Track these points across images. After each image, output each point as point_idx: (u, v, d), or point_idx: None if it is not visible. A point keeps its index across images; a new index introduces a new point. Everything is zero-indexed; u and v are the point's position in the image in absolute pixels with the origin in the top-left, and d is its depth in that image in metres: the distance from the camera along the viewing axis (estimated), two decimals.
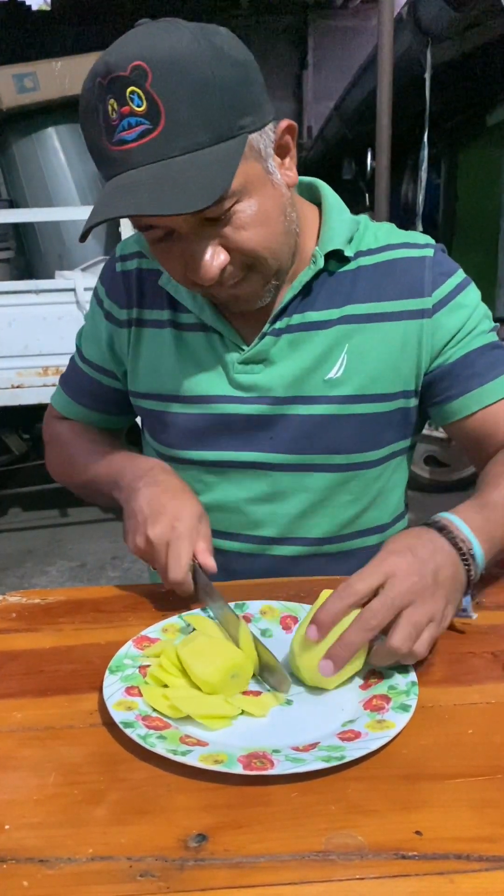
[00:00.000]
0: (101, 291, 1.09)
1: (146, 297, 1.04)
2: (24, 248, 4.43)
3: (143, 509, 0.89)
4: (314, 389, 0.98)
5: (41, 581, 3.44)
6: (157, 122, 0.76)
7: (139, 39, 0.77)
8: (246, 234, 0.84)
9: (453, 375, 0.99)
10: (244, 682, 0.73)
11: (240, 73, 0.80)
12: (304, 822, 0.56)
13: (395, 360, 0.98)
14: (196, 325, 1.01)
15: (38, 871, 0.53)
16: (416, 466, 4.20)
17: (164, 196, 0.76)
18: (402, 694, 0.69)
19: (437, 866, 0.52)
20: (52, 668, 0.79)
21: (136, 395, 1.08)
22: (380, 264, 0.98)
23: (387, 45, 3.53)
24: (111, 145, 0.78)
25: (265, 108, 0.84)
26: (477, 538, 0.80)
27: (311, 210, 1.01)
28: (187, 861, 0.53)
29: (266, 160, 0.85)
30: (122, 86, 0.76)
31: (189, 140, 0.77)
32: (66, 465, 1.16)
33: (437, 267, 0.99)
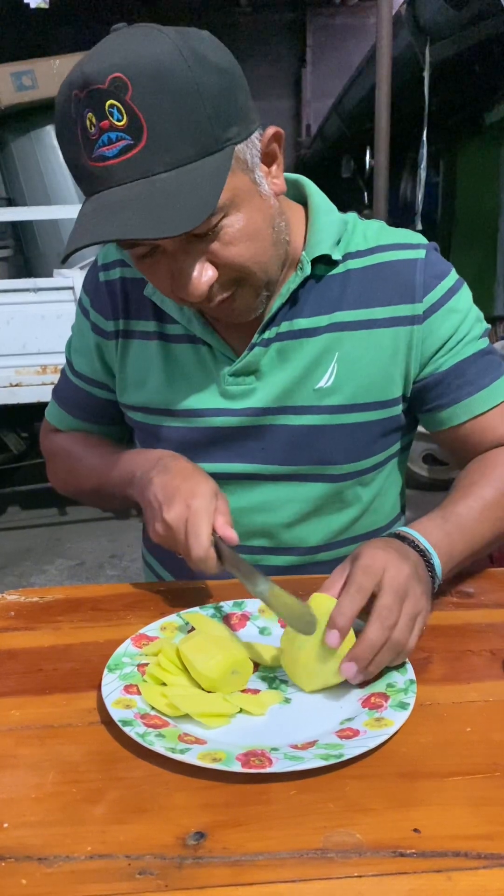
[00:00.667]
0: (86, 302, 1.06)
1: (131, 308, 1.02)
2: (23, 246, 4.43)
3: (158, 496, 0.87)
4: (304, 399, 0.96)
5: (40, 579, 3.44)
6: (139, 137, 0.72)
7: (117, 49, 0.73)
8: (234, 249, 0.82)
9: (444, 384, 0.97)
10: (244, 679, 0.73)
11: (224, 80, 0.76)
12: (303, 820, 0.56)
13: (386, 367, 0.96)
14: (184, 337, 0.98)
15: (37, 869, 0.53)
16: (415, 465, 4.20)
17: (150, 217, 0.73)
18: (400, 692, 0.70)
19: (436, 864, 0.52)
20: (51, 667, 0.79)
21: (126, 407, 1.06)
22: (370, 268, 0.96)
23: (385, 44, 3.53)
24: (91, 161, 0.75)
25: (251, 115, 0.81)
26: (435, 551, 0.82)
27: (297, 211, 0.97)
28: (186, 859, 0.53)
29: (253, 171, 0.82)
30: (101, 99, 0.72)
31: (173, 155, 0.74)
32: (71, 475, 1.13)
33: (430, 269, 0.96)
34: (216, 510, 0.85)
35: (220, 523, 0.84)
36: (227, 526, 0.84)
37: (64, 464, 1.15)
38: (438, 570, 0.82)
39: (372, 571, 0.73)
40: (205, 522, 0.82)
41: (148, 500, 0.89)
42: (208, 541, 0.82)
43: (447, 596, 0.91)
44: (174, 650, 0.75)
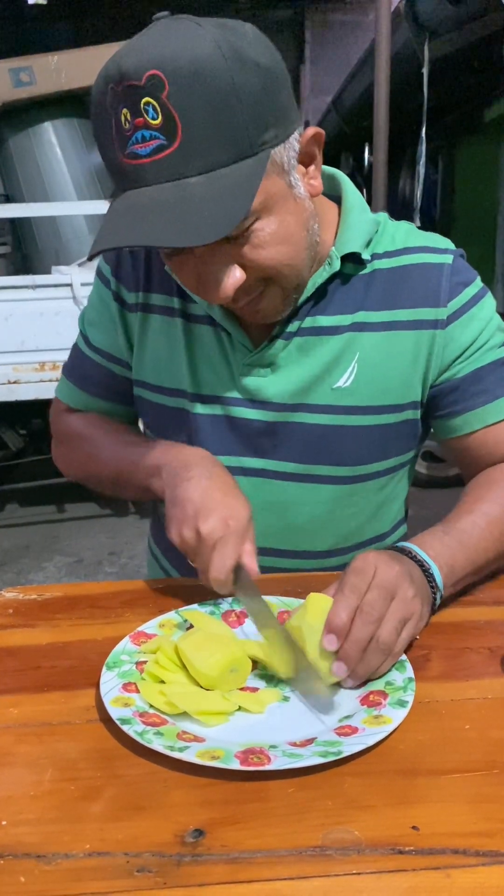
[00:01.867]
0: (107, 271, 1.01)
1: (153, 281, 0.98)
2: (21, 243, 4.42)
3: (195, 501, 0.83)
4: (321, 398, 0.95)
5: (38, 577, 3.44)
6: (174, 137, 0.71)
7: (156, 44, 0.71)
8: (265, 252, 0.80)
9: (460, 391, 0.96)
10: (243, 677, 0.73)
11: (265, 80, 0.73)
12: (301, 818, 0.56)
13: (406, 370, 0.95)
14: (205, 318, 0.96)
15: (36, 866, 0.53)
16: None
17: (178, 225, 0.71)
18: (399, 690, 0.70)
19: (434, 861, 0.52)
20: (49, 664, 0.79)
21: (139, 383, 1.03)
22: (396, 269, 0.94)
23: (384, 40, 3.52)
24: (124, 157, 0.73)
25: (291, 115, 0.78)
26: (435, 563, 0.81)
27: (331, 207, 0.95)
28: (184, 857, 0.53)
29: (289, 174, 0.80)
30: (137, 96, 0.70)
31: (206, 160, 0.72)
32: (86, 460, 1.08)
33: (456, 276, 0.95)
34: (247, 536, 0.83)
35: (248, 550, 0.82)
36: (253, 556, 0.82)
37: (78, 448, 1.10)
38: (439, 581, 0.81)
39: (363, 572, 0.73)
40: (236, 546, 0.80)
41: (180, 500, 0.85)
42: (232, 565, 0.80)
43: None
44: (173, 648, 0.75)
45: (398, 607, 0.72)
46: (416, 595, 0.75)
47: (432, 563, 0.81)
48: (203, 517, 0.81)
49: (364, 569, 0.73)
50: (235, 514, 0.82)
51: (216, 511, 0.82)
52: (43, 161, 4.13)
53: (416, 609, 0.75)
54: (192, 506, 0.83)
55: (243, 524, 0.82)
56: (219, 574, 0.79)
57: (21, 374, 3.45)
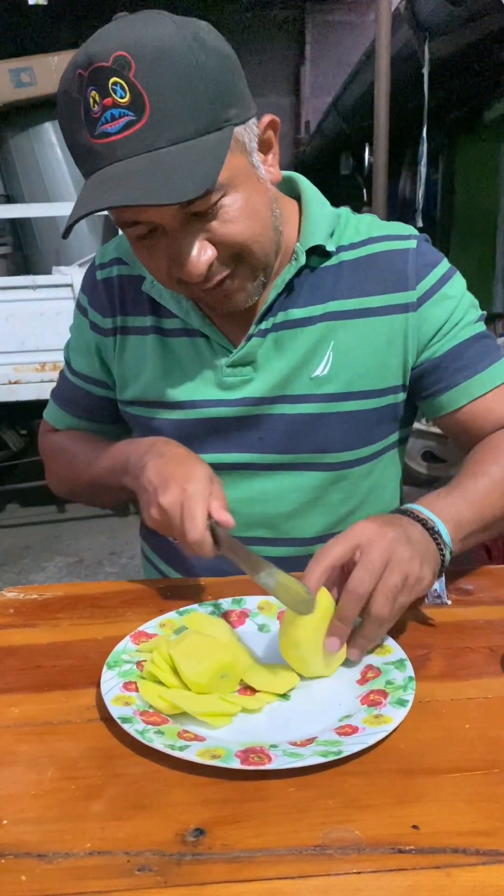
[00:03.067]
0: (84, 300, 1.07)
1: (128, 305, 1.03)
2: (21, 243, 4.42)
3: (153, 480, 0.87)
4: (300, 388, 0.97)
5: (39, 577, 3.44)
6: (142, 113, 0.74)
7: (121, 30, 0.75)
8: (234, 227, 0.83)
9: (441, 369, 0.98)
10: (234, 681, 0.72)
11: (224, 64, 0.78)
12: (302, 817, 0.56)
13: (381, 355, 0.97)
14: (181, 331, 0.99)
15: (37, 865, 0.53)
16: (413, 462, 4.20)
17: (151, 187, 0.74)
18: (399, 689, 0.70)
19: (434, 860, 0.52)
20: (50, 664, 0.79)
21: (123, 402, 1.07)
22: (362, 258, 0.97)
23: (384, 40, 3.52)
24: (93, 138, 0.76)
25: (248, 102, 0.83)
26: (439, 518, 0.81)
27: (291, 204, 0.99)
28: (185, 856, 0.53)
29: (251, 154, 0.84)
30: (105, 77, 0.73)
31: (175, 131, 0.75)
32: (68, 471, 1.13)
33: (421, 258, 0.97)
34: (212, 494, 0.84)
35: (216, 507, 0.83)
36: (223, 510, 0.84)
37: (60, 461, 1.15)
38: (445, 536, 0.81)
39: (346, 539, 0.74)
40: (200, 505, 0.82)
41: (142, 486, 0.89)
42: (204, 524, 0.82)
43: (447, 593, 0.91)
44: (167, 651, 0.75)
45: (392, 574, 0.72)
46: (415, 557, 0.74)
47: (437, 518, 0.81)
48: (161, 491, 0.85)
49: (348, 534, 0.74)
50: (191, 478, 0.85)
51: (171, 481, 0.85)
52: (43, 161, 4.14)
53: (415, 572, 0.74)
54: (151, 486, 0.87)
55: (201, 484, 0.84)
56: (193, 535, 0.81)
57: (22, 374, 3.46)
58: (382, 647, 0.77)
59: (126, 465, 0.96)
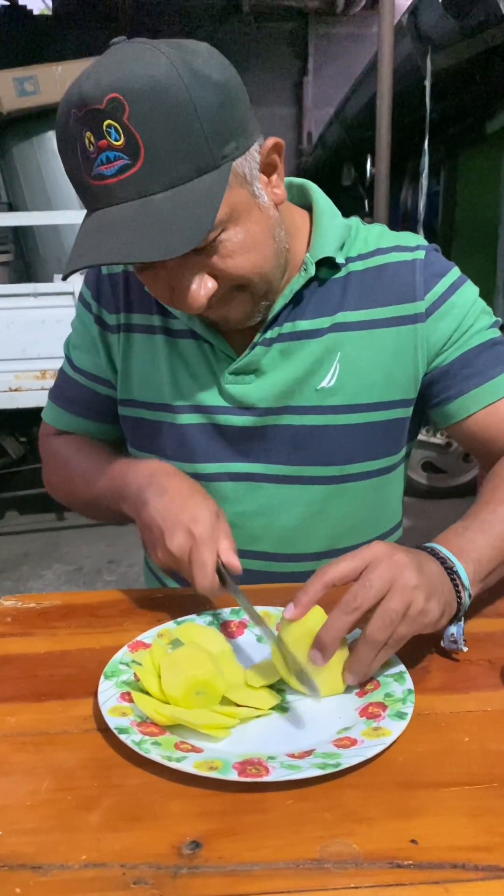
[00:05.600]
0: (88, 295, 1.05)
1: (133, 301, 1.01)
2: (23, 251, 4.43)
3: (158, 522, 0.85)
4: (306, 399, 0.96)
5: (37, 585, 3.43)
6: (137, 157, 0.73)
7: (114, 68, 0.74)
8: (233, 261, 0.82)
9: (450, 376, 0.97)
10: (212, 699, 0.70)
11: (221, 95, 0.76)
12: (299, 830, 0.56)
13: (388, 367, 0.96)
14: (187, 332, 0.98)
15: (31, 877, 0.52)
16: (414, 472, 4.20)
17: (146, 239, 0.74)
18: (398, 701, 0.69)
19: (432, 875, 0.52)
20: (47, 673, 0.79)
21: (125, 402, 1.05)
22: (370, 270, 0.97)
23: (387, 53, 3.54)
24: (90, 178, 0.76)
25: (249, 128, 0.81)
26: (458, 558, 0.77)
27: (302, 215, 0.98)
28: (181, 868, 0.53)
29: (252, 183, 0.83)
30: (99, 119, 0.73)
31: (170, 175, 0.75)
32: (66, 484, 1.11)
33: (429, 269, 0.97)
34: (220, 534, 0.84)
35: (224, 548, 0.83)
36: (231, 552, 0.83)
37: (60, 470, 1.13)
38: (465, 578, 0.77)
39: (354, 558, 0.71)
40: (210, 552, 0.82)
41: (146, 524, 0.88)
42: (213, 570, 0.81)
43: None
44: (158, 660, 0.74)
45: (407, 628, 0.69)
46: (420, 586, 0.70)
47: (455, 559, 0.77)
48: (168, 536, 0.84)
49: (359, 553, 0.71)
50: (198, 519, 0.84)
51: (177, 525, 0.84)
52: (46, 170, 4.15)
53: (417, 601, 0.69)
54: (156, 528, 0.86)
55: (208, 527, 0.83)
56: (202, 584, 0.81)
57: (22, 381, 3.46)
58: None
59: (124, 490, 0.95)
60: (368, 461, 0.99)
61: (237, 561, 0.83)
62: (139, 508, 0.90)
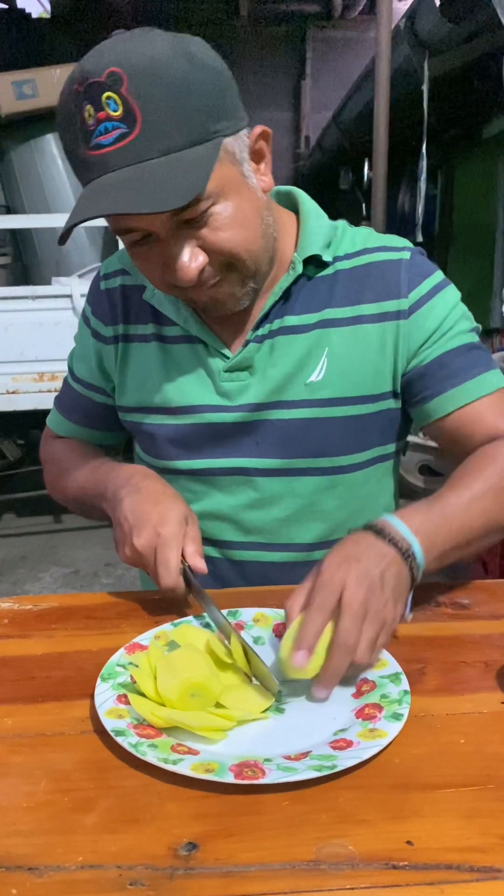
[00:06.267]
0: (88, 310, 1.10)
1: (131, 313, 1.05)
2: (22, 254, 4.44)
3: (128, 518, 0.89)
4: (295, 393, 0.98)
5: (34, 587, 3.43)
6: (134, 125, 0.77)
7: (115, 47, 0.78)
8: (223, 234, 0.85)
9: (429, 376, 0.99)
10: (208, 701, 0.71)
11: (215, 78, 0.80)
12: (296, 832, 0.56)
13: (374, 361, 0.99)
14: (181, 338, 1.02)
15: (27, 879, 0.52)
16: (410, 475, 4.20)
17: (140, 196, 0.77)
18: (394, 703, 0.69)
19: (428, 876, 0.52)
20: (44, 675, 0.79)
21: (123, 409, 1.09)
22: (357, 268, 0.99)
23: (384, 57, 3.55)
24: (88, 150, 0.79)
25: (239, 114, 0.85)
26: (416, 537, 0.81)
27: (289, 217, 1.01)
28: (177, 870, 0.53)
29: (241, 164, 0.86)
30: (99, 91, 0.76)
31: (165, 143, 0.78)
32: (59, 481, 1.16)
33: (414, 268, 0.99)
34: (186, 536, 0.87)
35: (190, 552, 0.86)
36: (197, 555, 0.86)
37: (54, 471, 1.18)
38: (420, 558, 0.81)
39: (331, 588, 0.73)
40: (174, 552, 0.85)
41: (118, 521, 0.91)
42: (177, 570, 0.84)
43: (442, 607, 0.91)
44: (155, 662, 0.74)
45: (370, 626, 0.72)
46: (389, 601, 0.75)
47: (413, 537, 0.81)
48: (136, 532, 0.87)
49: (331, 583, 0.73)
50: (165, 521, 0.87)
51: (145, 524, 0.87)
52: (45, 173, 4.16)
53: (389, 616, 0.75)
54: (126, 524, 0.89)
55: (175, 529, 0.86)
56: (166, 582, 0.84)
57: (20, 384, 3.46)
58: (378, 661, 0.76)
59: (105, 490, 0.98)
60: (358, 453, 1.02)
61: (202, 563, 0.86)
62: (115, 506, 0.93)
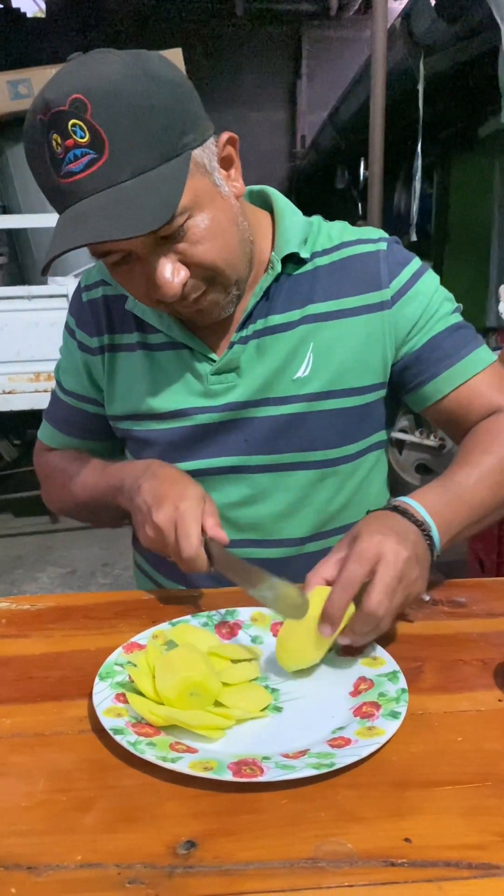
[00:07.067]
0: (72, 322, 1.10)
1: (114, 323, 1.06)
2: (17, 253, 4.43)
3: (147, 500, 0.90)
4: (283, 390, 0.99)
5: (31, 587, 3.42)
6: (102, 150, 0.77)
7: (74, 73, 0.78)
8: (202, 247, 0.86)
9: (421, 361, 1.01)
10: (206, 700, 0.71)
11: (175, 93, 0.81)
12: (294, 830, 0.56)
13: (360, 353, 1.00)
14: (166, 344, 1.02)
15: (27, 878, 0.52)
16: (408, 474, 4.21)
17: (116, 221, 0.77)
18: (392, 701, 0.70)
19: (427, 874, 0.52)
20: (42, 675, 0.79)
21: (113, 418, 1.09)
22: (336, 262, 1.00)
23: (380, 56, 3.55)
24: (60, 178, 0.79)
25: (204, 124, 0.86)
26: (434, 521, 0.83)
27: (264, 216, 1.02)
28: (176, 868, 0.53)
29: (212, 174, 0.87)
30: (64, 119, 0.77)
31: (135, 164, 0.79)
32: (62, 491, 1.14)
33: (392, 258, 1.01)
34: (204, 512, 0.87)
35: (210, 524, 0.87)
36: (217, 527, 0.87)
37: (56, 482, 1.16)
38: (437, 541, 0.83)
39: (366, 559, 0.74)
40: (194, 523, 0.85)
41: (137, 506, 0.92)
42: (198, 540, 0.85)
43: (439, 606, 0.91)
44: (153, 661, 0.74)
45: (399, 598, 0.75)
46: (419, 576, 0.77)
47: (431, 521, 0.83)
48: (156, 510, 0.87)
49: (367, 554, 0.75)
50: (184, 496, 0.88)
51: (165, 501, 0.88)
52: None
53: (416, 590, 0.78)
54: (145, 505, 0.90)
55: (194, 502, 0.87)
56: (188, 552, 0.84)
57: (16, 384, 3.46)
58: (375, 660, 0.77)
59: (122, 485, 0.98)
60: (347, 445, 1.03)
61: (223, 532, 0.87)
62: (133, 494, 0.94)
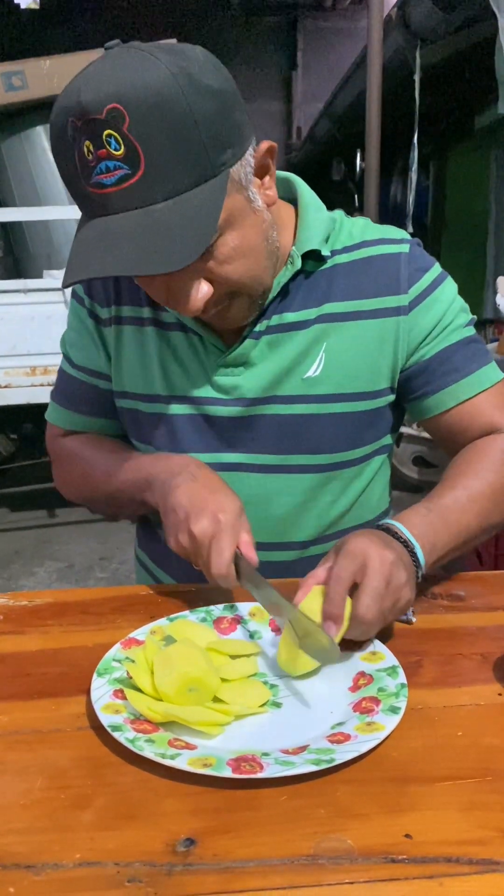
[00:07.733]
0: (81, 290, 1.06)
1: (123, 294, 1.02)
2: (13, 247, 4.41)
3: (184, 505, 0.86)
4: (292, 389, 0.97)
5: (28, 582, 3.42)
6: (137, 167, 0.74)
7: (113, 77, 0.73)
8: (229, 266, 0.83)
9: (429, 371, 0.99)
10: (205, 696, 0.70)
11: (219, 103, 0.76)
12: (294, 826, 0.56)
13: (373, 357, 0.98)
14: (177, 325, 0.99)
15: (25, 877, 0.52)
16: (404, 467, 4.21)
17: (147, 251, 0.74)
18: (391, 696, 0.69)
19: (427, 870, 0.52)
20: (39, 671, 0.78)
21: (119, 394, 1.05)
22: (356, 262, 0.98)
23: (376, 47, 3.54)
24: (89, 186, 0.76)
25: (245, 132, 0.82)
26: (418, 542, 0.82)
27: (287, 209, 0.99)
28: (175, 866, 0.53)
29: (247, 188, 0.83)
30: (99, 129, 0.73)
31: (170, 185, 0.75)
32: (82, 481, 1.10)
33: (413, 263, 0.99)
34: (242, 528, 0.85)
35: (245, 541, 0.84)
36: (251, 546, 0.84)
37: (75, 470, 1.12)
38: (422, 561, 0.82)
39: (354, 555, 0.75)
40: (230, 540, 0.83)
41: (171, 507, 0.88)
42: (230, 559, 0.82)
43: (438, 599, 0.91)
44: (151, 657, 0.74)
45: (390, 601, 0.75)
46: (407, 583, 0.77)
47: (416, 542, 0.82)
48: (194, 518, 0.84)
49: (354, 552, 0.75)
50: (224, 509, 0.85)
51: (205, 510, 0.85)
52: (35, 165, 4.13)
53: (406, 596, 0.77)
54: (182, 510, 0.86)
55: (234, 517, 0.85)
56: (219, 569, 0.82)
57: (12, 378, 3.44)
58: (374, 654, 0.76)
59: (151, 481, 0.95)
60: (354, 449, 1.01)
61: (255, 555, 0.84)
62: (167, 493, 0.90)
